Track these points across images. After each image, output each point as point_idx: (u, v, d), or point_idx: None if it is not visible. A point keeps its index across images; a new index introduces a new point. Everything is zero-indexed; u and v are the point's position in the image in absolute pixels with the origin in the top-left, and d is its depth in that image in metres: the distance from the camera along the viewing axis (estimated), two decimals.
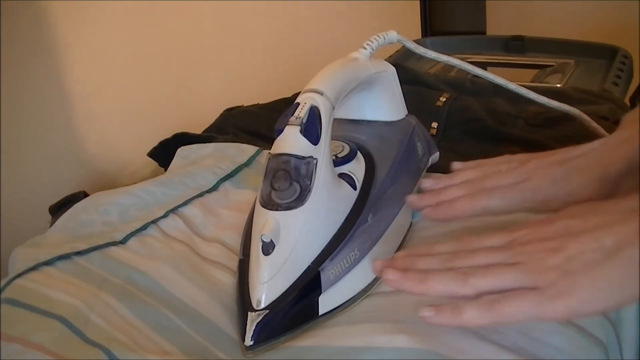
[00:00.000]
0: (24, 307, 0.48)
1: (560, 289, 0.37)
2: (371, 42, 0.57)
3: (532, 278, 0.39)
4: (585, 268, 0.37)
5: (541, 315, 0.38)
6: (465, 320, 0.39)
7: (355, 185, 0.52)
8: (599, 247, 0.38)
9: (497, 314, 0.38)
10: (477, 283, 0.40)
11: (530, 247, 0.41)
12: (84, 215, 0.61)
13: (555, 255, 0.39)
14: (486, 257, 0.41)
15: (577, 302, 0.37)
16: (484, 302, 0.38)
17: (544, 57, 1.13)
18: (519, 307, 0.38)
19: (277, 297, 0.45)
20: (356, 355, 0.42)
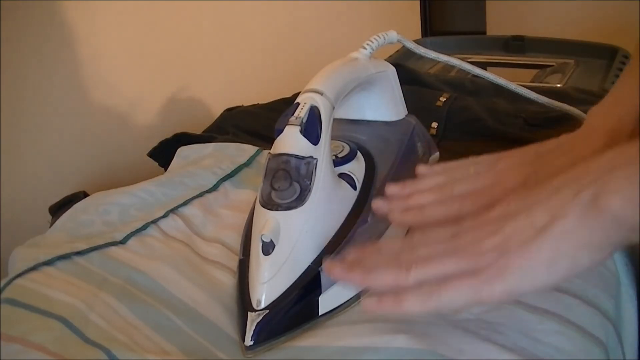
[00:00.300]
0: (24, 307, 0.48)
1: (496, 270, 0.37)
2: (371, 42, 0.57)
3: (470, 262, 0.39)
4: (519, 247, 0.37)
5: (480, 299, 0.38)
6: (406, 308, 0.39)
7: (355, 185, 0.52)
8: (530, 224, 0.38)
9: (437, 301, 0.38)
10: (419, 273, 0.40)
11: (470, 233, 0.41)
12: (84, 215, 0.61)
13: (492, 237, 0.39)
14: (430, 248, 0.42)
15: (514, 282, 0.37)
16: (424, 290, 0.39)
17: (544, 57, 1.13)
18: (457, 293, 0.38)
19: (277, 297, 0.45)
20: (356, 355, 0.42)
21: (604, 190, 0.35)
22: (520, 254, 0.37)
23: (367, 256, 0.43)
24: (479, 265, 0.38)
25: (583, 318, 0.45)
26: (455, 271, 0.39)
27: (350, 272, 0.42)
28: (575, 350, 0.43)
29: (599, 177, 0.36)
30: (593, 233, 0.36)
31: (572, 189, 0.37)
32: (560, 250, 0.36)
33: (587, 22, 1.34)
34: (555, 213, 0.37)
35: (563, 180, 0.39)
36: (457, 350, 0.42)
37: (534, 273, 0.37)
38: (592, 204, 0.35)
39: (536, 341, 0.43)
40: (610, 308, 0.48)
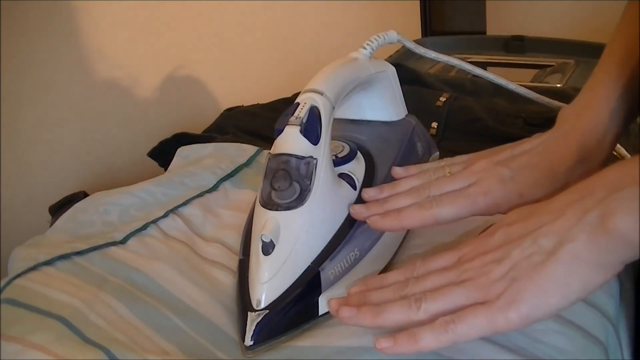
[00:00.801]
0: (24, 307, 0.48)
1: (509, 298, 0.38)
2: (371, 42, 0.57)
3: (481, 292, 0.39)
4: (529, 272, 0.38)
5: (495, 328, 0.38)
6: (423, 345, 0.39)
7: (355, 185, 0.52)
8: (539, 249, 0.38)
9: (453, 335, 0.38)
10: (429, 307, 0.40)
11: (475, 262, 0.41)
12: (84, 215, 0.61)
13: (499, 265, 0.39)
14: (436, 279, 0.42)
15: (527, 309, 0.37)
16: (439, 324, 0.39)
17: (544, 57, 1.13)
18: (473, 324, 0.38)
19: (277, 297, 0.45)
20: (356, 355, 0.42)
21: (610, 210, 0.35)
22: (531, 280, 0.37)
23: (372, 293, 0.43)
24: (489, 294, 0.38)
25: (583, 318, 0.45)
26: (465, 302, 0.39)
27: (359, 314, 0.41)
28: (575, 350, 0.43)
29: (604, 197, 0.36)
30: (602, 254, 0.36)
31: (576, 210, 0.37)
32: (572, 272, 0.36)
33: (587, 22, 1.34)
34: (562, 236, 0.37)
35: (565, 200, 0.39)
36: (457, 350, 0.42)
37: (547, 297, 0.37)
38: (599, 225, 0.36)
39: (536, 341, 0.43)
40: (610, 308, 0.48)
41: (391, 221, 0.48)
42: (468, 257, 0.42)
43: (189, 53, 1.08)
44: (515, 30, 1.21)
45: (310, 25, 1.34)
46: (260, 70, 1.23)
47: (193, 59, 1.09)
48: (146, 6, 0.98)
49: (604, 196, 0.36)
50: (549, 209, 0.40)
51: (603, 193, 0.36)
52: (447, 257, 0.44)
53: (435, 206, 0.48)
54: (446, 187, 0.50)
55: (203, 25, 1.11)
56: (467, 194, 0.48)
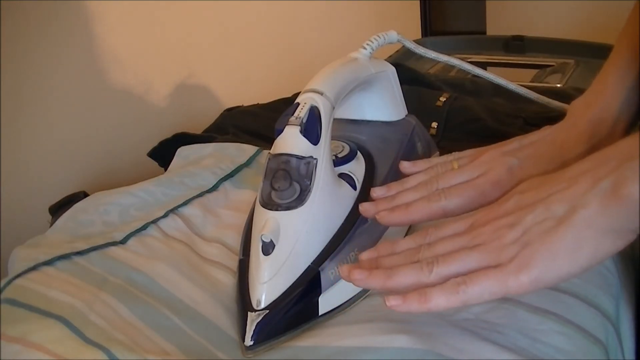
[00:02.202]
0: (24, 307, 0.48)
1: (521, 262, 0.38)
2: (371, 42, 0.57)
3: (493, 256, 0.39)
4: (541, 237, 0.38)
5: (507, 291, 0.38)
6: (433, 305, 0.39)
7: (355, 185, 0.52)
8: (551, 215, 0.38)
9: (464, 295, 0.39)
10: (441, 270, 0.40)
11: (488, 227, 0.41)
12: (84, 215, 0.61)
13: (512, 230, 0.40)
14: (448, 244, 0.42)
15: (539, 272, 0.38)
16: (450, 285, 0.39)
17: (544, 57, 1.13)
18: (484, 286, 0.38)
19: (277, 297, 0.45)
20: (356, 355, 0.42)
21: (624, 178, 0.36)
22: (542, 245, 0.38)
23: (383, 257, 0.43)
24: (502, 258, 0.39)
25: (583, 318, 0.45)
26: (477, 266, 0.40)
27: (370, 276, 0.42)
28: (575, 350, 0.43)
29: (618, 165, 0.37)
30: (614, 220, 0.36)
31: (590, 178, 0.38)
32: (583, 238, 0.37)
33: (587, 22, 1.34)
34: (575, 202, 0.38)
35: (579, 169, 0.39)
36: (457, 350, 0.42)
37: (558, 262, 0.37)
38: (613, 191, 0.36)
39: (536, 341, 0.43)
40: (610, 308, 0.48)
41: (399, 215, 0.48)
42: (480, 223, 0.42)
43: (189, 53, 1.08)
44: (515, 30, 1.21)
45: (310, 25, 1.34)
46: (260, 70, 1.23)
47: (193, 59, 1.09)
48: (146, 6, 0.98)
49: (617, 165, 0.37)
50: (562, 177, 0.40)
51: (616, 162, 0.37)
52: (459, 224, 0.44)
53: (443, 199, 0.48)
54: (454, 180, 0.50)
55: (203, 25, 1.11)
56: (476, 185, 0.49)
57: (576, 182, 0.38)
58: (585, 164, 0.39)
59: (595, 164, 0.39)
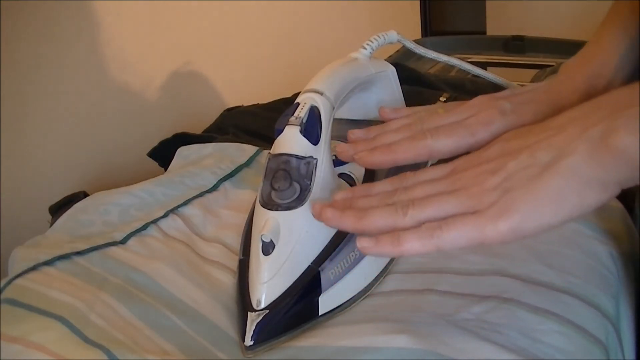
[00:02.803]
0: (24, 307, 0.48)
1: (501, 208, 0.36)
2: (371, 42, 0.57)
3: (472, 201, 0.38)
4: (524, 184, 0.37)
5: (484, 238, 0.37)
6: (407, 249, 0.38)
7: (355, 185, 0.52)
8: (536, 161, 0.37)
9: (439, 241, 0.37)
10: (417, 214, 0.39)
11: (469, 172, 0.40)
12: (84, 215, 0.61)
13: (494, 176, 0.38)
14: (426, 188, 0.40)
15: (519, 219, 0.36)
16: (424, 230, 0.38)
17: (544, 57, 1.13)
18: (461, 232, 0.37)
19: (277, 297, 0.45)
20: (356, 355, 0.42)
21: (614, 127, 0.34)
22: (525, 191, 0.36)
23: (358, 198, 0.42)
24: (481, 204, 0.37)
25: (583, 318, 0.45)
26: (455, 211, 0.38)
27: (342, 216, 0.40)
28: (575, 350, 0.43)
29: (608, 114, 0.35)
30: (601, 170, 0.35)
31: (579, 125, 0.36)
32: (568, 186, 0.35)
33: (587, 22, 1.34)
34: (561, 150, 0.36)
35: (568, 116, 0.38)
36: (457, 350, 0.42)
37: (540, 210, 0.36)
38: (601, 140, 0.35)
39: (536, 341, 0.43)
40: (610, 308, 0.48)
41: (380, 155, 0.45)
42: (461, 168, 0.41)
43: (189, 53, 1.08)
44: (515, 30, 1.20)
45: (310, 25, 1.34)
46: (260, 70, 1.23)
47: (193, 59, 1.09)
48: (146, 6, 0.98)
49: (608, 113, 0.35)
50: (550, 125, 0.39)
51: (608, 110, 0.35)
52: (439, 169, 0.42)
53: (429, 137, 0.45)
54: (441, 121, 0.47)
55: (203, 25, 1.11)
56: (466, 125, 0.46)
57: (564, 129, 0.37)
58: (575, 111, 0.38)
59: (585, 111, 0.37)
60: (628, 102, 0.35)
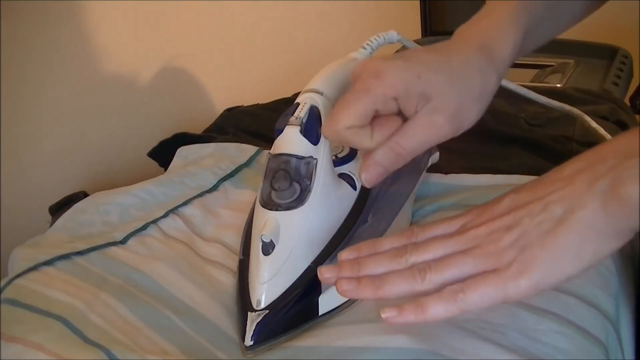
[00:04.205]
0: (24, 307, 0.48)
1: (520, 266, 0.37)
2: (371, 42, 0.57)
3: (490, 261, 0.38)
4: (540, 239, 0.37)
5: (506, 297, 0.37)
6: (431, 315, 0.38)
7: (355, 185, 0.52)
8: (549, 216, 0.37)
9: (462, 304, 0.37)
10: (435, 277, 0.39)
11: (482, 229, 0.40)
12: (84, 215, 0.61)
13: (509, 232, 0.38)
14: (439, 248, 0.40)
15: (539, 276, 0.37)
16: (447, 294, 0.38)
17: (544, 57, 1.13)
18: (483, 293, 0.37)
19: (277, 297, 0.45)
20: (356, 355, 0.42)
21: (621, 178, 0.35)
22: (542, 248, 0.37)
23: (368, 261, 0.41)
24: (500, 262, 0.38)
25: (583, 318, 0.45)
26: (473, 271, 0.38)
27: (359, 287, 0.40)
28: (575, 350, 0.43)
29: (615, 164, 0.36)
30: (614, 220, 0.36)
31: (587, 177, 0.37)
32: (583, 239, 0.36)
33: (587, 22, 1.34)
34: (573, 203, 0.37)
35: (574, 168, 0.38)
36: (457, 350, 0.42)
37: (558, 264, 0.37)
38: (611, 192, 0.35)
39: (536, 341, 0.43)
40: (610, 308, 0.48)
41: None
42: (474, 225, 0.41)
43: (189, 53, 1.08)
44: None
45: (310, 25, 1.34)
46: (260, 70, 1.23)
47: (193, 59, 1.09)
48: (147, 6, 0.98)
49: (615, 164, 0.36)
50: (558, 177, 0.39)
51: (614, 160, 0.36)
52: (448, 224, 0.42)
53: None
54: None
55: (203, 25, 1.11)
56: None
57: (572, 181, 0.38)
58: (580, 161, 0.39)
59: (591, 161, 0.38)
60: (631, 151, 0.36)
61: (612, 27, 1.29)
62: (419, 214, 0.60)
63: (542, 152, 0.70)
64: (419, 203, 0.61)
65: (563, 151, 0.70)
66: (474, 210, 0.42)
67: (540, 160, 0.68)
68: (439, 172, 0.65)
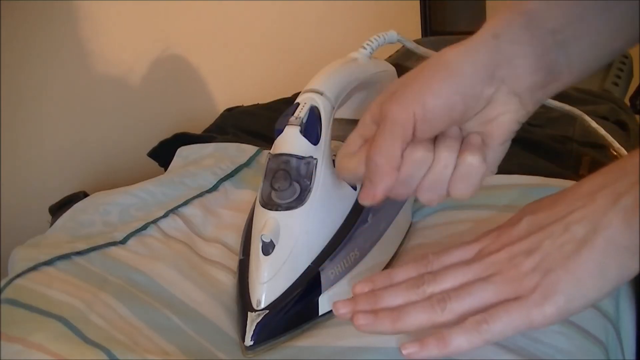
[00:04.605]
0: (24, 307, 0.48)
1: (544, 291, 0.36)
2: (371, 42, 0.57)
3: (511, 287, 0.37)
4: (563, 262, 0.36)
5: (532, 324, 0.36)
6: (454, 348, 0.36)
7: (355, 186, 0.52)
8: (571, 237, 0.36)
9: (487, 334, 0.36)
10: (456, 307, 0.37)
11: (501, 254, 0.38)
12: (84, 215, 0.61)
13: (529, 257, 0.37)
14: (457, 276, 0.39)
15: (564, 300, 0.35)
16: (470, 325, 0.36)
17: None
18: (507, 322, 0.36)
19: (277, 297, 0.45)
20: (356, 355, 0.42)
21: None
22: (565, 271, 0.35)
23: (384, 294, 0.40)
24: (522, 289, 0.36)
25: (583, 318, 0.45)
26: (495, 299, 0.37)
27: (377, 321, 0.38)
28: (575, 350, 0.43)
29: (637, 180, 0.35)
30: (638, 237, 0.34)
31: (609, 195, 0.36)
32: (608, 260, 0.35)
33: None
34: (596, 222, 0.35)
35: (594, 184, 0.37)
36: None
37: (583, 288, 0.35)
38: (635, 209, 0.34)
39: (536, 341, 0.43)
40: (610, 308, 0.48)
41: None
42: (491, 250, 0.39)
43: (189, 53, 1.08)
44: None
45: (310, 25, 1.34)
46: (260, 70, 1.23)
47: (193, 59, 1.09)
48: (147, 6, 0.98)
49: (637, 179, 0.35)
50: (577, 194, 0.38)
51: (635, 176, 0.35)
52: (464, 250, 0.41)
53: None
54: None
55: (203, 25, 1.11)
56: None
57: (593, 198, 0.36)
58: (599, 178, 0.37)
59: (611, 178, 0.36)
60: None
61: None
62: (419, 214, 0.60)
63: (542, 152, 0.70)
64: (419, 203, 0.61)
65: (563, 151, 0.70)
66: (490, 233, 0.41)
67: (540, 160, 0.68)
68: None
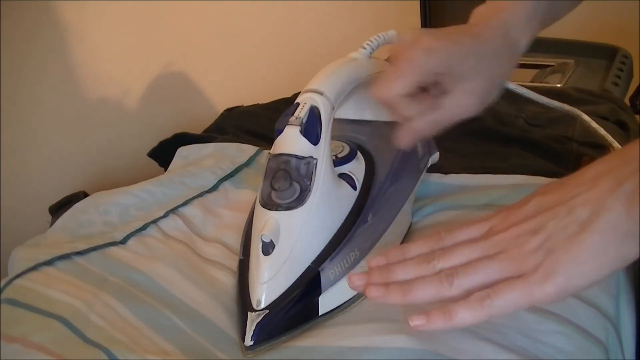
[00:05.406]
0: (24, 307, 0.48)
1: (546, 270, 0.37)
2: (371, 42, 0.57)
3: (515, 265, 0.38)
4: (565, 243, 0.37)
5: (533, 301, 0.37)
6: (458, 321, 0.38)
7: (355, 185, 0.52)
8: (574, 219, 0.37)
9: (490, 309, 0.37)
10: (462, 282, 0.39)
11: (508, 233, 0.40)
12: (84, 215, 0.61)
13: (534, 236, 0.38)
14: (465, 253, 0.41)
15: (565, 280, 0.37)
16: (474, 300, 0.38)
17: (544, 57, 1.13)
18: (509, 298, 0.37)
19: (277, 297, 0.45)
20: (356, 355, 0.42)
21: None
22: (567, 251, 0.37)
23: (396, 268, 0.42)
24: (525, 267, 0.38)
25: (583, 318, 0.45)
26: (500, 276, 0.38)
27: (387, 293, 0.40)
28: (575, 350, 0.43)
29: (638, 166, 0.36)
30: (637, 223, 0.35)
31: (611, 180, 0.37)
32: (608, 242, 0.36)
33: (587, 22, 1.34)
34: (598, 206, 0.37)
35: (598, 170, 0.38)
36: (457, 350, 0.42)
37: (583, 269, 0.36)
38: (635, 194, 0.35)
39: (536, 341, 0.43)
40: (610, 308, 0.48)
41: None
42: (499, 228, 0.41)
43: (189, 53, 1.08)
44: None
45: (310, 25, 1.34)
46: (260, 70, 1.23)
47: (193, 59, 1.09)
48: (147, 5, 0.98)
49: (637, 167, 0.36)
50: (582, 179, 0.39)
51: (637, 163, 0.36)
52: (475, 228, 0.42)
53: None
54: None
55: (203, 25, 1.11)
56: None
57: (597, 184, 0.37)
58: (603, 164, 0.38)
59: (614, 164, 0.38)
60: None
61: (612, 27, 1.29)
62: (419, 214, 0.60)
63: (542, 152, 0.70)
64: (419, 203, 0.61)
65: (563, 151, 0.70)
66: (501, 212, 0.42)
67: (540, 160, 0.68)
68: (439, 172, 0.65)
